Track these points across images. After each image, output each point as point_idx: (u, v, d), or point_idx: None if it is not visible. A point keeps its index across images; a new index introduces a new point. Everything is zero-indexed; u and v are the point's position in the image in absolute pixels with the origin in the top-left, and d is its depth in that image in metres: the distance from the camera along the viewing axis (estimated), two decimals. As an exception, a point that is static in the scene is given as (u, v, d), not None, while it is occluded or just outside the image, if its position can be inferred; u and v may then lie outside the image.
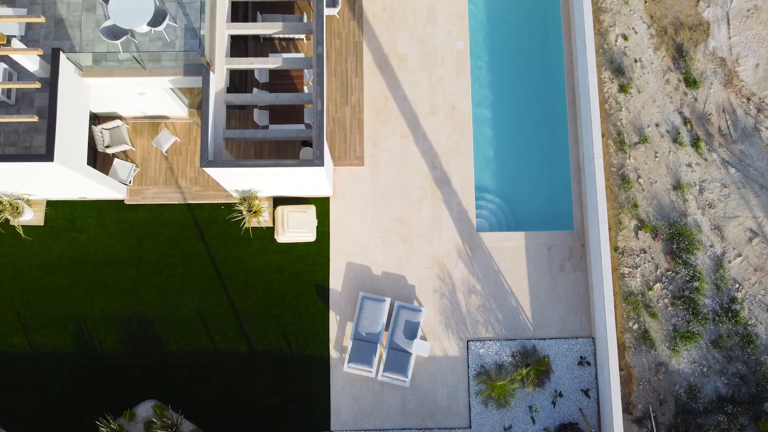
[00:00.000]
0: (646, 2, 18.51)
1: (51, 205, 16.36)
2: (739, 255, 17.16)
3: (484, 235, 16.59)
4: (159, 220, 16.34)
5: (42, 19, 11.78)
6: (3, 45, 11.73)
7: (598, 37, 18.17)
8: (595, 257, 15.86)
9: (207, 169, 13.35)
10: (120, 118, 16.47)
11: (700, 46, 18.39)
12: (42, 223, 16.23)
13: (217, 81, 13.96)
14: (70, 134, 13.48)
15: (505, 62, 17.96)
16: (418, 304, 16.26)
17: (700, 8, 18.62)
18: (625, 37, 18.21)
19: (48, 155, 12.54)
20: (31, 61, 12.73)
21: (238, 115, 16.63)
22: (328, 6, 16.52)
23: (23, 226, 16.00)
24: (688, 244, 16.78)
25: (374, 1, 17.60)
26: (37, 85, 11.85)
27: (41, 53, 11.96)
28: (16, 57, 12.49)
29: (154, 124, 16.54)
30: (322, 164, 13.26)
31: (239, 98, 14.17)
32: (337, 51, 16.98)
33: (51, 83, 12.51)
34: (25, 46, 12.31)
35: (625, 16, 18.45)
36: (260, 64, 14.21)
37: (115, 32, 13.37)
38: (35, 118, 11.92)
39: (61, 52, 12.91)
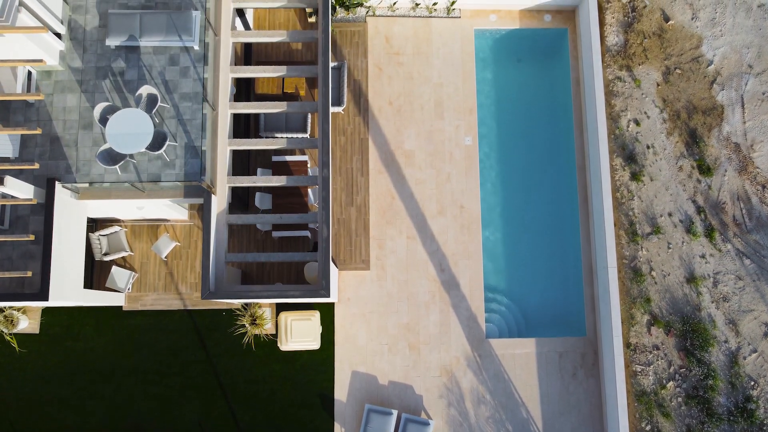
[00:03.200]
0: (658, 85, 18.01)
1: (47, 312, 15.85)
2: (755, 351, 16.71)
3: (493, 341, 16.11)
4: (158, 327, 15.84)
5: (36, 166, 11.26)
6: (-4, 185, 11.19)
7: (609, 122, 17.68)
8: (608, 369, 15.41)
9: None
10: (118, 221, 15.96)
11: (714, 131, 17.91)
12: (37, 331, 15.72)
13: (219, 202, 13.45)
14: (66, 262, 12.97)
15: (516, 159, 17.47)
16: (425, 415, 15.77)
17: (714, 91, 18.14)
18: (638, 122, 17.72)
19: (42, 294, 12.02)
20: (24, 189, 12.19)
21: (239, 212, 16.13)
22: (333, 105, 16.02)
23: (19, 334, 15.50)
24: (702, 341, 16.33)
25: (380, 95, 17.09)
26: (31, 238, 11.34)
27: (35, 202, 11.44)
28: (9, 186, 11.95)
29: (153, 226, 16.03)
30: (328, 295, 12.76)
31: (241, 219, 13.66)
32: (342, 149, 16.46)
33: (45, 221, 11.99)
34: (20, 183, 11.77)
35: (637, 100, 17.96)
36: (264, 182, 13.71)
37: (112, 156, 12.84)
38: (29, 273, 11.38)
39: (56, 182, 12.40)
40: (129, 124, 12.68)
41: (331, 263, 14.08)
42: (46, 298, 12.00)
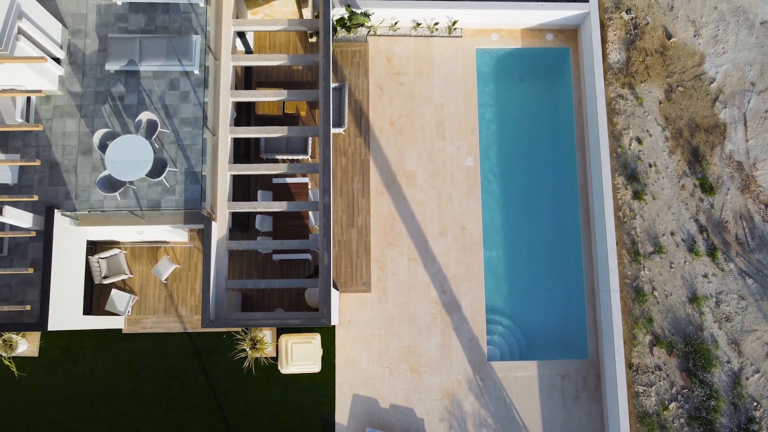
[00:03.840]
0: (660, 103, 17.91)
1: (46, 335, 15.74)
2: (757, 371, 16.63)
3: (495, 364, 16.01)
4: (158, 350, 15.74)
5: (35, 198, 11.18)
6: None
7: (611, 140, 17.57)
8: (610, 394, 15.32)
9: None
10: (117, 244, 15.86)
11: (716, 150, 17.81)
12: (36, 354, 15.62)
13: (219, 228, 13.36)
14: (65, 290, 12.89)
15: (517, 179, 17.37)
16: (427, 439, 15.71)
17: (717, 109, 18.04)
18: (640, 141, 17.62)
19: (41, 324, 11.93)
20: (23, 218, 12.11)
21: (240, 234, 16.05)
22: (334, 126, 15.93)
23: (18, 357, 15.41)
24: (705, 362, 16.24)
25: (381, 115, 16.99)
26: (30, 272, 11.26)
27: (34, 235, 11.36)
28: (8, 216, 11.86)
29: (153, 248, 15.94)
30: (329, 323, 12.67)
31: (242, 245, 13.57)
32: (343, 170, 16.37)
33: (45, 250, 11.89)
34: (19, 212, 11.69)
35: (639, 118, 17.85)
36: (264, 208, 13.62)
37: (112, 183, 12.76)
38: (28, 308, 11.30)
39: (55, 210, 12.31)
40: (128, 151, 12.60)
41: (332, 286, 14.00)
42: (45, 328, 11.92)
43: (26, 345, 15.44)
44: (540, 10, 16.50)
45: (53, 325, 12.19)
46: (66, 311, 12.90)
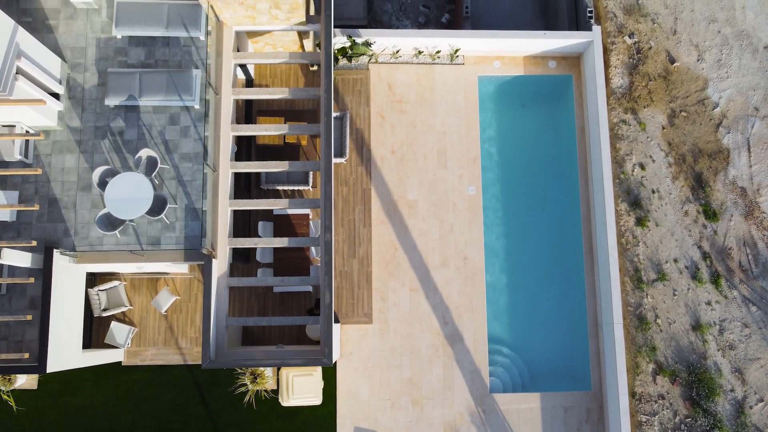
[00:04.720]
0: (663, 128, 17.79)
1: (45, 367, 15.63)
2: (761, 400, 16.53)
3: (497, 396, 15.89)
4: (158, 382, 15.62)
5: (34, 243, 11.06)
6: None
7: (614, 166, 17.45)
8: (614, 427, 15.20)
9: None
10: (117, 275, 15.73)
11: (719, 175, 17.70)
12: (35, 387, 15.49)
13: (219, 265, 13.24)
14: (64, 329, 12.75)
15: (520, 208, 17.24)
16: (429, 473, 15.59)
17: (720, 134, 17.93)
18: (642, 167, 17.50)
19: (40, 367, 11.81)
20: (22, 259, 11.99)
21: (240, 265, 15.94)
22: (336, 156, 15.81)
23: (16, 390, 15.27)
24: (708, 390, 16.14)
25: (383, 144, 16.86)
26: (29, 318, 11.14)
27: (32, 281, 11.23)
28: (6, 258, 11.74)
29: (153, 279, 15.81)
30: (330, 363, 12.55)
31: (242, 281, 13.45)
32: (344, 199, 16.25)
33: (44, 292, 11.77)
34: (18, 253, 11.57)
35: (642, 144, 17.74)
36: (265, 244, 13.50)
37: (112, 221, 12.63)
38: (26, 355, 11.16)
39: (54, 251, 12.18)
40: (128, 189, 12.48)
41: (336, 330, 13.86)
42: (44, 370, 11.79)
43: (25, 378, 15.31)
44: (543, 39, 16.37)
45: (52, 366, 12.07)
46: (65, 350, 12.78)
